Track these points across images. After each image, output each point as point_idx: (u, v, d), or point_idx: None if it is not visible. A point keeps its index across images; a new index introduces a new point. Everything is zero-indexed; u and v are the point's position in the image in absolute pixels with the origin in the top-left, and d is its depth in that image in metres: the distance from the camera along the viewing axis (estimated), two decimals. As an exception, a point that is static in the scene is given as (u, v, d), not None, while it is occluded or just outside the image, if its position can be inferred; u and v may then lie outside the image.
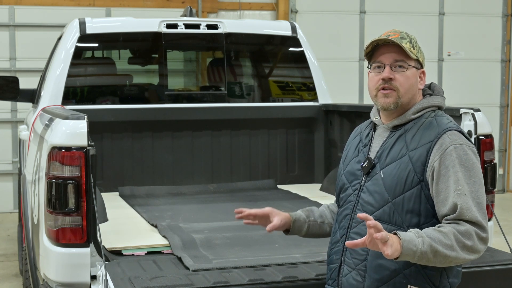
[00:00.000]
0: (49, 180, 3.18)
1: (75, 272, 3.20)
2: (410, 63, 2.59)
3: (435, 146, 2.48)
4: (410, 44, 2.59)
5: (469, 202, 2.42)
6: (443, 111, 2.65)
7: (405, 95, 2.59)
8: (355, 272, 2.57)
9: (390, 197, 2.51)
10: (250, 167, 5.44)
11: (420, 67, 2.64)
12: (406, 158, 2.51)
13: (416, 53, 2.61)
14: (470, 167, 2.46)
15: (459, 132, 2.52)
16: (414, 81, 2.60)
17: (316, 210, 2.97)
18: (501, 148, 11.12)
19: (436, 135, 2.50)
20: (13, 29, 9.28)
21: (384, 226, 2.48)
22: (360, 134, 2.78)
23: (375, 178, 2.57)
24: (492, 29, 10.95)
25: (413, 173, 2.49)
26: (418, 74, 2.63)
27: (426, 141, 2.50)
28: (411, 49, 2.59)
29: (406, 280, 2.48)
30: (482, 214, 2.43)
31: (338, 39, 10.16)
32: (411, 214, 2.48)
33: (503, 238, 3.51)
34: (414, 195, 2.49)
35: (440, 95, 2.68)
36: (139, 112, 5.23)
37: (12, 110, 9.35)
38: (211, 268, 3.15)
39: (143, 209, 4.48)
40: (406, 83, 2.58)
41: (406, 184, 2.49)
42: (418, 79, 2.63)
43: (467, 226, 2.39)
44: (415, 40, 2.64)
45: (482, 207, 2.44)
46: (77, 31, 5.15)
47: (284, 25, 5.70)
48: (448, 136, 2.49)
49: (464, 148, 2.48)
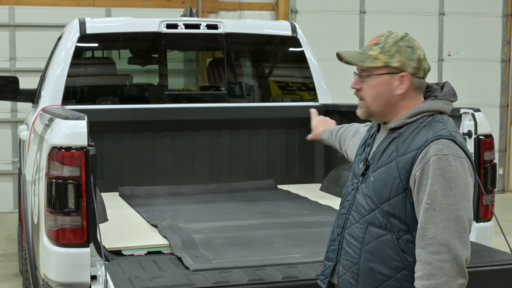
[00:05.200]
0: (49, 180, 3.19)
1: (75, 272, 3.20)
2: (378, 72, 2.50)
3: (420, 155, 2.38)
4: (380, 49, 2.49)
5: (435, 218, 2.32)
6: (443, 116, 2.51)
7: (373, 105, 2.52)
8: (349, 274, 2.55)
9: (378, 202, 2.47)
10: (250, 167, 5.44)
11: (396, 71, 2.50)
12: (393, 164, 2.45)
13: (386, 59, 2.48)
14: (452, 179, 2.34)
15: (450, 140, 2.39)
16: (383, 89, 2.50)
17: (335, 130, 3.34)
18: (501, 148, 11.13)
19: (423, 143, 2.39)
20: (13, 29, 9.29)
21: (376, 230, 2.47)
22: (370, 130, 2.74)
23: (368, 181, 2.54)
24: (492, 29, 10.95)
25: (398, 179, 2.42)
26: (396, 79, 2.50)
27: (414, 148, 2.41)
28: (379, 55, 2.48)
29: (398, 284, 2.44)
30: (454, 232, 2.31)
31: (338, 39, 10.16)
32: (398, 220, 2.43)
33: (503, 238, 3.51)
34: (400, 202, 2.42)
35: (445, 99, 2.55)
36: (139, 112, 5.23)
37: (12, 110, 9.36)
38: (211, 268, 3.15)
39: (143, 209, 4.48)
40: (371, 92, 2.51)
41: (392, 190, 2.43)
42: (394, 84, 2.50)
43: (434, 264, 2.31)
44: (392, 43, 2.50)
45: (461, 221, 2.33)
46: (77, 31, 5.15)
47: (284, 25, 5.70)
48: (434, 145, 2.37)
49: (449, 158, 2.35)
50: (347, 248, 2.57)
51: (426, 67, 2.55)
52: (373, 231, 2.48)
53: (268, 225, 4.04)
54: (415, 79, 2.53)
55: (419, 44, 2.57)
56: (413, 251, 2.42)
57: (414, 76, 2.52)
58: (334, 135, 3.33)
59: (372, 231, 2.48)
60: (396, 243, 2.44)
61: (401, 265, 2.44)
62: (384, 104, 2.52)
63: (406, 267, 2.44)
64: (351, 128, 3.24)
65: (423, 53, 2.55)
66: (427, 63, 2.56)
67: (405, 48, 2.52)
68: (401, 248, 2.44)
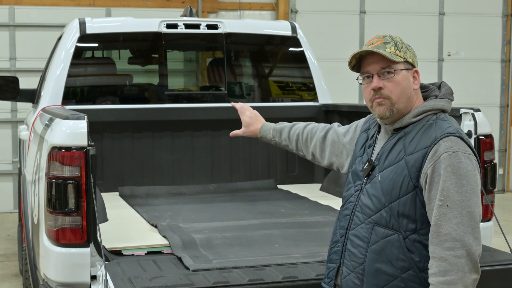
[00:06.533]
0: (49, 180, 3.19)
1: (75, 272, 3.20)
2: (398, 67, 2.53)
3: (430, 152, 2.42)
4: (395, 47, 2.53)
5: (449, 214, 2.36)
6: (446, 114, 2.56)
7: (399, 101, 2.54)
8: (353, 274, 2.56)
9: (386, 202, 2.49)
10: (250, 167, 5.44)
11: (411, 67, 2.57)
12: (402, 163, 2.47)
13: (403, 55, 2.54)
14: (463, 176, 2.38)
15: (458, 138, 2.44)
16: (406, 84, 2.54)
17: (285, 130, 3.20)
18: (501, 148, 11.13)
19: (432, 141, 2.43)
20: (13, 29, 9.28)
21: (382, 230, 2.49)
22: (368, 132, 2.75)
23: (374, 181, 2.55)
24: (492, 29, 10.95)
25: (408, 178, 2.45)
26: (411, 75, 2.56)
27: (423, 146, 2.45)
28: (397, 52, 2.53)
29: (404, 284, 2.46)
30: (467, 228, 2.35)
31: (338, 39, 10.16)
32: (407, 219, 2.45)
33: (503, 238, 3.51)
34: (410, 201, 2.45)
35: (446, 97, 2.60)
36: (139, 112, 5.23)
37: (12, 110, 9.36)
38: (211, 268, 3.15)
39: (143, 209, 4.48)
40: (396, 89, 2.53)
41: (402, 189, 2.46)
42: (411, 80, 2.56)
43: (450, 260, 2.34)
44: (400, 41, 2.57)
45: (473, 217, 2.37)
46: (77, 31, 5.15)
47: (284, 25, 5.70)
48: (444, 143, 2.42)
49: (459, 155, 2.40)
50: (352, 248, 2.57)
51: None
52: (379, 231, 2.49)
53: (268, 225, 4.04)
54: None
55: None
56: (420, 250, 2.44)
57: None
58: (287, 133, 3.19)
59: (378, 231, 2.49)
60: (402, 243, 2.45)
61: (407, 265, 2.45)
62: (407, 100, 2.56)
63: (412, 267, 2.45)
64: (336, 128, 3.06)
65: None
66: None
67: (408, 46, 2.60)
68: (407, 248, 2.45)
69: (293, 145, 3.18)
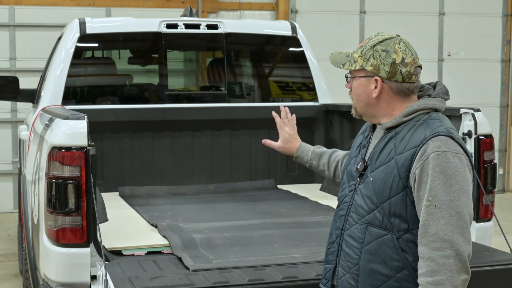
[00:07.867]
0: (49, 180, 3.19)
1: (75, 272, 3.20)
2: (357, 74, 2.58)
3: (419, 152, 2.39)
4: (360, 53, 2.56)
5: (436, 215, 2.34)
6: (438, 114, 2.54)
7: (358, 105, 2.62)
8: (348, 275, 2.56)
9: (378, 202, 2.48)
10: (250, 167, 5.44)
11: (371, 75, 2.53)
12: (392, 163, 2.46)
13: (362, 63, 2.54)
14: (451, 175, 2.36)
15: (448, 137, 2.41)
16: (360, 91, 2.57)
17: (325, 156, 3.15)
18: (501, 148, 11.13)
19: (421, 141, 2.41)
20: (13, 29, 9.29)
21: (376, 231, 2.48)
22: (364, 133, 2.76)
23: (366, 181, 2.54)
24: (492, 29, 10.96)
25: (398, 178, 2.44)
26: (372, 82, 2.54)
27: (412, 146, 2.43)
28: (359, 59, 2.55)
29: (399, 284, 2.45)
30: (455, 228, 2.33)
31: (338, 39, 10.16)
32: (399, 219, 2.44)
33: (503, 238, 3.51)
34: (400, 201, 2.44)
35: (439, 96, 2.57)
36: (139, 112, 5.23)
37: (12, 110, 9.36)
38: (211, 268, 3.15)
39: (143, 209, 4.48)
40: (354, 93, 2.62)
41: (392, 189, 2.45)
42: (370, 87, 2.54)
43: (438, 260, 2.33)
44: (369, 47, 2.53)
45: (462, 217, 2.34)
46: (77, 31, 5.15)
47: (284, 25, 5.70)
48: (433, 142, 2.39)
49: (448, 155, 2.37)
50: (347, 249, 2.57)
51: (405, 71, 2.50)
52: (373, 232, 2.48)
53: (268, 225, 4.04)
54: (392, 83, 2.52)
55: (404, 47, 2.53)
56: (414, 250, 2.43)
57: (390, 80, 2.52)
58: (327, 158, 3.15)
59: (372, 232, 2.49)
60: (396, 243, 2.44)
61: (402, 265, 2.45)
62: (365, 106, 2.60)
63: (406, 266, 2.44)
64: (340, 153, 3.14)
65: (401, 57, 2.51)
66: (408, 66, 2.51)
67: (380, 52, 2.52)
68: (401, 247, 2.44)
69: (331, 171, 3.13)
